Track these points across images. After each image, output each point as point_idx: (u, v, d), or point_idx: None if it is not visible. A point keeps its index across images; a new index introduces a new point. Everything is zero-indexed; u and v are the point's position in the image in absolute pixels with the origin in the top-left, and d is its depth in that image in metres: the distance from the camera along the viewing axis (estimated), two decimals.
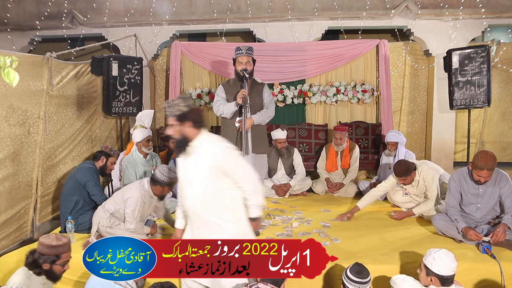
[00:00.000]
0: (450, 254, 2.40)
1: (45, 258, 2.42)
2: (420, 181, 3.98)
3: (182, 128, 2.38)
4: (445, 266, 2.34)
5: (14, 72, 1.23)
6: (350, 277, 2.36)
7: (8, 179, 3.61)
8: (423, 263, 2.44)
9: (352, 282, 2.34)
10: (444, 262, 2.35)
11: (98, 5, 6.23)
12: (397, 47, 6.27)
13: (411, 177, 3.93)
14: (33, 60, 3.92)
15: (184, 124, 2.38)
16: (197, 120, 2.40)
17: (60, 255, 2.45)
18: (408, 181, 3.96)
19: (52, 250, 2.42)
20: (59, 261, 2.45)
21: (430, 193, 3.94)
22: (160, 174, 3.31)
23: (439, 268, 2.34)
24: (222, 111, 3.68)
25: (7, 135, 3.56)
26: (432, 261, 2.37)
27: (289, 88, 6.10)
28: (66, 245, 2.47)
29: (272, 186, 4.97)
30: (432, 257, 2.38)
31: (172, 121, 2.40)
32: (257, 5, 6.11)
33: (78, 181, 3.78)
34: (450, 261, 2.36)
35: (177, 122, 2.38)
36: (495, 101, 5.97)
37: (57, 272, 2.49)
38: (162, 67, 6.58)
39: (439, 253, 2.38)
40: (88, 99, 5.00)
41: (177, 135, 2.41)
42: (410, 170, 3.89)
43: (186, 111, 2.38)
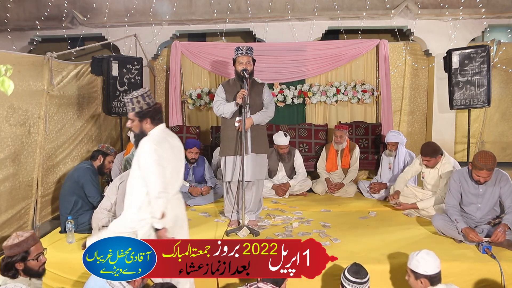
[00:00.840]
0: (431, 253, 2.43)
1: (14, 259, 2.36)
2: (440, 170, 3.99)
3: (141, 124, 2.55)
4: (430, 265, 2.37)
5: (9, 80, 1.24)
6: (348, 277, 2.37)
7: (8, 179, 3.61)
8: (409, 268, 2.46)
9: (350, 282, 2.35)
10: (428, 261, 2.38)
11: (98, 5, 6.23)
12: (397, 47, 6.27)
13: (436, 160, 3.95)
14: (33, 60, 3.92)
15: (144, 120, 2.54)
16: (157, 117, 2.57)
17: (28, 250, 2.39)
18: (432, 163, 3.97)
19: (17, 248, 2.37)
20: (30, 256, 2.40)
21: (440, 188, 3.95)
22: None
23: (425, 269, 2.37)
24: (222, 111, 3.69)
25: (7, 135, 3.57)
26: (417, 264, 2.39)
27: (289, 88, 6.10)
28: (29, 239, 2.41)
29: (272, 186, 4.97)
30: (416, 260, 2.41)
31: (132, 116, 2.54)
32: (257, 5, 6.12)
33: (76, 182, 3.79)
34: (433, 259, 2.39)
35: (137, 118, 2.53)
36: (495, 101, 5.96)
37: (35, 268, 2.43)
38: (162, 67, 6.58)
39: (421, 255, 2.41)
40: (88, 99, 5.00)
41: (136, 130, 2.56)
42: (437, 153, 3.92)
43: (146, 109, 2.53)
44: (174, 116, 6.17)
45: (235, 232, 3.47)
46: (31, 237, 2.43)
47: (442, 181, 3.95)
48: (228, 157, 3.74)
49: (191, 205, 4.56)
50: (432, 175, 4.07)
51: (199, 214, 4.27)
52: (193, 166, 4.83)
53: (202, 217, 4.20)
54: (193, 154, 4.71)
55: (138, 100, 2.52)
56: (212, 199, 4.71)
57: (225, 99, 3.76)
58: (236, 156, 3.68)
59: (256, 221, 3.84)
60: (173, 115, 6.17)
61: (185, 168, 4.80)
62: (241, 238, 3.37)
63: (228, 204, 3.93)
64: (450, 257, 3.01)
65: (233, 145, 3.67)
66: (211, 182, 4.86)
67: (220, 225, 3.84)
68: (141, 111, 2.53)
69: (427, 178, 4.13)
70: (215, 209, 4.47)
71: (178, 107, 6.19)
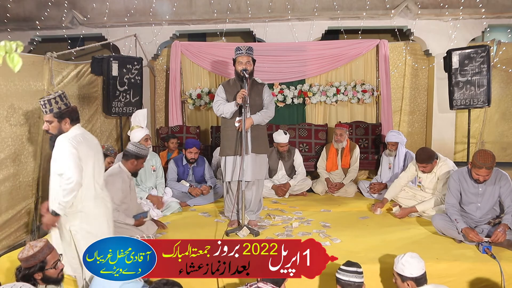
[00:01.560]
0: (415, 255, 2.46)
1: (32, 270, 2.33)
2: (437, 173, 3.98)
3: (60, 125, 2.62)
4: (415, 267, 2.40)
5: (19, 57, 1.26)
6: (345, 268, 2.40)
7: (9, 179, 3.61)
8: (395, 272, 2.49)
9: (347, 272, 2.37)
10: (412, 264, 2.41)
11: (98, 5, 6.23)
12: (397, 47, 6.27)
13: (432, 165, 3.94)
14: (33, 60, 3.93)
15: (63, 121, 2.60)
16: (75, 116, 2.66)
17: (45, 260, 2.35)
18: (428, 169, 3.97)
19: (33, 260, 2.32)
20: (48, 265, 2.36)
21: (438, 189, 3.95)
22: (132, 146, 3.43)
23: (411, 271, 2.40)
24: (222, 111, 3.69)
25: (8, 135, 3.57)
26: (402, 267, 2.42)
27: (289, 88, 6.10)
28: (44, 248, 2.36)
29: (272, 186, 4.97)
30: (401, 264, 2.43)
31: (50, 117, 2.60)
32: (257, 5, 6.12)
33: None
34: (417, 261, 2.42)
35: (55, 119, 2.59)
36: (495, 101, 5.96)
37: (54, 276, 2.40)
38: (162, 67, 6.58)
39: (405, 258, 2.44)
40: (89, 99, 5.00)
41: (54, 131, 2.62)
42: (432, 158, 3.91)
43: (65, 109, 2.60)
44: (174, 116, 6.17)
45: (235, 232, 3.47)
46: (45, 246, 2.38)
47: (439, 183, 3.95)
48: (228, 157, 3.75)
49: (191, 205, 4.56)
50: (430, 179, 4.06)
51: (199, 214, 4.27)
52: (193, 166, 4.84)
53: (202, 217, 4.20)
54: (192, 154, 4.71)
55: (57, 101, 2.58)
56: (212, 199, 4.72)
57: (225, 99, 3.76)
58: (236, 156, 3.68)
59: (256, 221, 3.84)
60: (173, 115, 6.18)
61: (185, 168, 4.81)
62: (241, 238, 3.37)
63: (228, 204, 3.93)
64: (450, 257, 3.01)
65: (233, 145, 3.68)
66: (211, 182, 4.87)
67: (220, 225, 3.84)
68: (59, 111, 2.59)
69: (425, 183, 4.12)
70: (215, 209, 4.47)
71: (178, 107, 6.20)
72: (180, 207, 4.42)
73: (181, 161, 4.82)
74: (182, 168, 4.82)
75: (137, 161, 3.42)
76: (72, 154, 2.52)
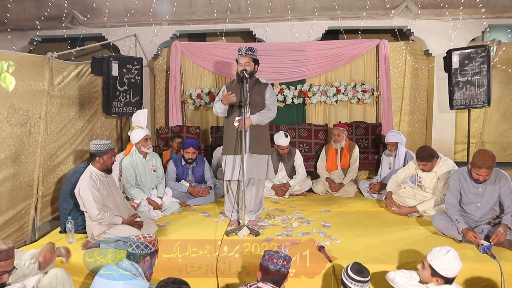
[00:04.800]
0: (457, 256, 2.37)
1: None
2: (437, 173, 3.98)
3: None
4: (453, 269, 2.33)
5: (11, 76, 1.24)
6: (351, 276, 2.34)
7: (9, 179, 3.61)
8: (427, 263, 2.40)
9: (353, 281, 2.33)
10: (453, 265, 2.34)
11: (98, 5, 6.23)
12: (397, 47, 6.28)
13: (432, 164, 3.94)
14: (34, 60, 3.92)
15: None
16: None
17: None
18: (429, 168, 3.96)
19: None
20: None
21: (438, 189, 3.95)
22: (92, 145, 3.38)
23: (447, 272, 2.33)
24: (215, 111, 3.76)
25: (8, 135, 3.57)
26: (441, 265, 2.34)
27: (289, 88, 6.11)
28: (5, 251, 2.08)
29: (271, 186, 4.97)
30: (440, 261, 2.35)
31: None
32: (257, 5, 6.12)
33: (73, 185, 3.77)
34: (458, 264, 2.35)
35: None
36: (495, 101, 5.97)
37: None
38: (162, 67, 6.59)
39: (447, 257, 2.34)
40: (89, 99, 5.00)
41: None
42: (433, 157, 3.91)
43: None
44: (174, 116, 6.18)
45: (235, 232, 3.48)
46: (9, 251, 2.10)
47: (440, 183, 3.96)
48: (228, 156, 3.77)
49: (191, 205, 4.57)
50: (430, 179, 4.06)
51: (199, 214, 4.28)
52: (192, 166, 4.83)
53: (202, 217, 4.20)
54: (189, 154, 4.71)
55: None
56: (212, 199, 4.72)
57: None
58: (236, 155, 3.69)
59: (256, 221, 3.85)
60: (173, 115, 6.18)
61: (184, 168, 4.82)
62: (241, 238, 3.38)
63: (228, 203, 3.94)
64: None
65: (233, 145, 3.69)
66: (210, 182, 4.86)
67: (220, 225, 3.85)
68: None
69: (425, 182, 4.12)
70: (215, 209, 4.47)
71: (178, 107, 6.20)
72: (180, 207, 4.42)
73: (180, 161, 4.82)
74: (181, 168, 4.82)
75: (103, 158, 3.37)
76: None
